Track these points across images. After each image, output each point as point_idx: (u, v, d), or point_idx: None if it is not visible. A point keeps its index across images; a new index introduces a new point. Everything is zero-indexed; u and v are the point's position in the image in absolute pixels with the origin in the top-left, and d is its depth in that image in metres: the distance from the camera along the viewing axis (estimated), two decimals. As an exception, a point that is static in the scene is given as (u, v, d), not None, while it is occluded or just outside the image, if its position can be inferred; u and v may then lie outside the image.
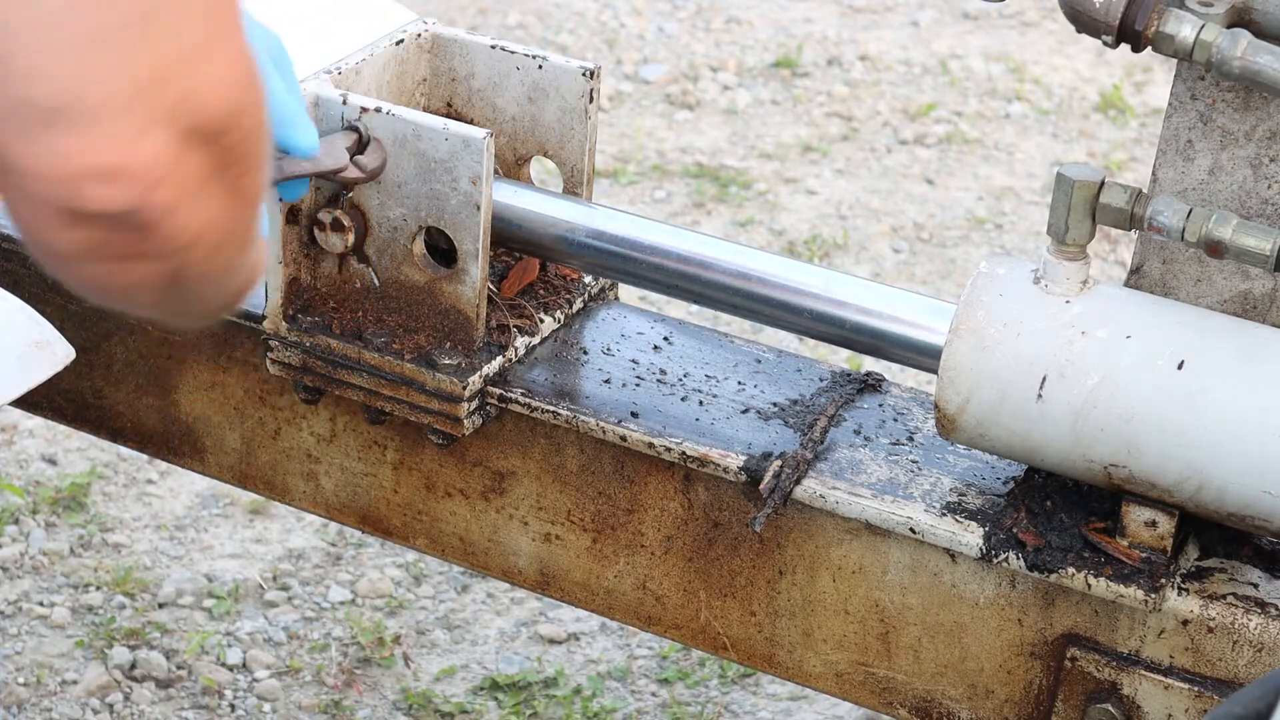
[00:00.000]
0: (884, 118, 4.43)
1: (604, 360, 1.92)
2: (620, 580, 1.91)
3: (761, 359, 1.94)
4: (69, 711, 2.76)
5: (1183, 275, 1.72)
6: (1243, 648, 1.68)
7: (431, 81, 1.96)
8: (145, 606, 2.95)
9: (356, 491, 1.99)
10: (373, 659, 2.88)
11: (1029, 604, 1.74)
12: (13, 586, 2.97)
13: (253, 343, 1.97)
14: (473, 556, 1.97)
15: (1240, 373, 1.60)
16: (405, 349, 1.84)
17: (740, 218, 4.03)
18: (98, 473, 3.19)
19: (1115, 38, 1.59)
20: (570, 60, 1.90)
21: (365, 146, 1.78)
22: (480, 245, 1.79)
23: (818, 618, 1.83)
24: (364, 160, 1.78)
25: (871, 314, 1.78)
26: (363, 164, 1.77)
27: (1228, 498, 1.62)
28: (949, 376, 1.67)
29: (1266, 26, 1.59)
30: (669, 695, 2.84)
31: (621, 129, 4.33)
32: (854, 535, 1.78)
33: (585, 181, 1.93)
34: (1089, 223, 1.64)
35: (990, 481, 1.78)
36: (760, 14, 4.86)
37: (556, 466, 1.89)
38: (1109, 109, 4.50)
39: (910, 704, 1.83)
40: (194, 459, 2.08)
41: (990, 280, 1.68)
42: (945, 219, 4.07)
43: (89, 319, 2.06)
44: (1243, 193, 1.67)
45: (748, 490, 1.81)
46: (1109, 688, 1.72)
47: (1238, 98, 1.65)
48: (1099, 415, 1.62)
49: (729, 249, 1.84)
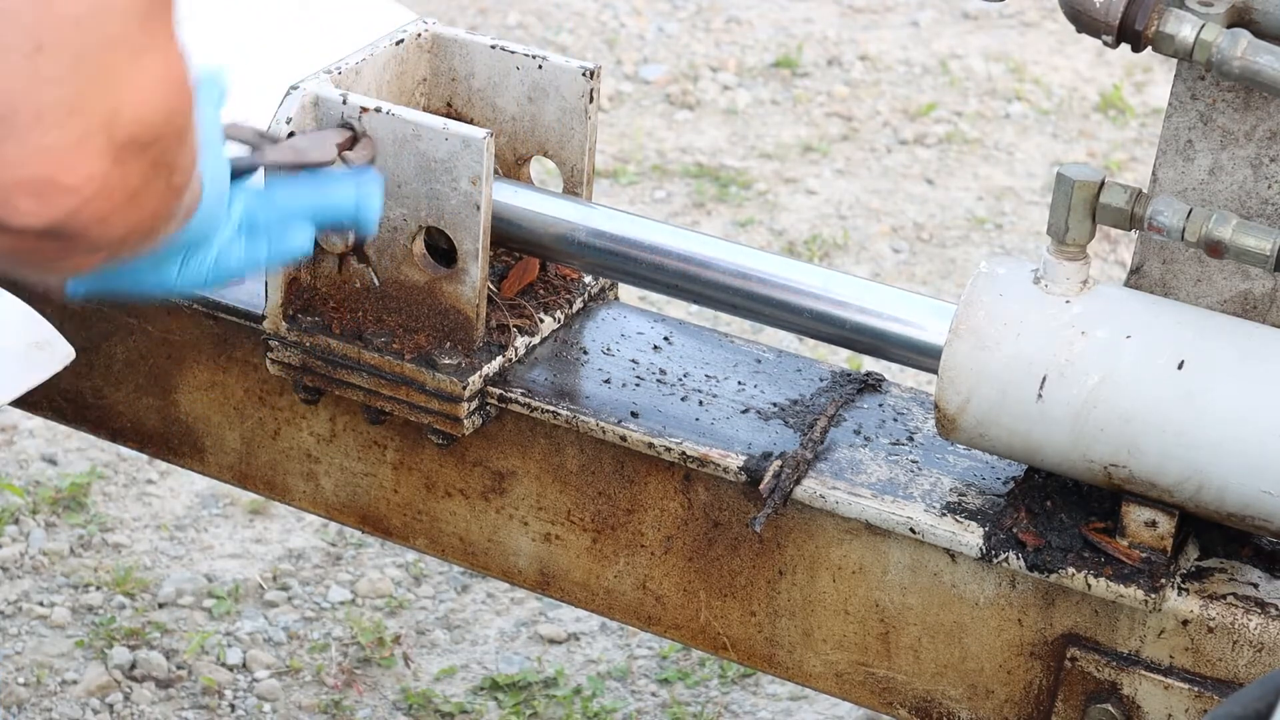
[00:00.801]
0: (884, 118, 4.44)
1: (604, 360, 1.92)
2: (620, 580, 1.91)
3: (761, 359, 1.94)
4: (69, 711, 2.76)
5: (1183, 275, 1.72)
6: (1243, 648, 1.68)
7: (431, 81, 1.96)
8: (145, 606, 2.95)
9: (356, 491, 1.99)
10: (373, 659, 2.88)
11: (1029, 604, 1.74)
12: (13, 586, 2.97)
13: (252, 343, 1.97)
14: (473, 556, 1.97)
15: (1240, 373, 1.60)
16: (405, 349, 1.84)
17: (740, 218, 4.03)
18: (98, 473, 3.19)
19: (1115, 37, 1.59)
20: (570, 60, 1.90)
21: (355, 144, 1.78)
22: (480, 245, 1.79)
23: (818, 618, 1.83)
24: (351, 156, 1.77)
25: (871, 314, 1.78)
26: (349, 159, 1.76)
27: (1228, 498, 1.62)
28: (949, 376, 1.67)
29: (1266, 26, 1.59)
30: (669, 695, 2.84)
31: (621, 129, 4.33)
32: (854, 535, 1.78)
33: (585, 181, 1.93)
34: (1089, 223, 1.64)
35: (990, 481, 1.78)
36: (760, 14, 4.86)
37: (556, 466, 1.89)
38: (1109, 109, 4.50)
39: (910, 704, 1.83)
40: (194, 459, 2.08)
41: (990, 280, 1.68)
42: (945, 219, 4.07)
43: (89, 319, 2.06)
44: (1243, 193, 1.67)
45: (748, 490, 1.81)
46: (1109, 688, 1.72)
47: (1238, 98, 1.65)
48: (1099, 415, 1.62)
49: (729, 249, 1.84)
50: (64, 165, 1.10)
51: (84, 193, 1.11)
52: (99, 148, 1.11)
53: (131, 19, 1.11)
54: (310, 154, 1.72)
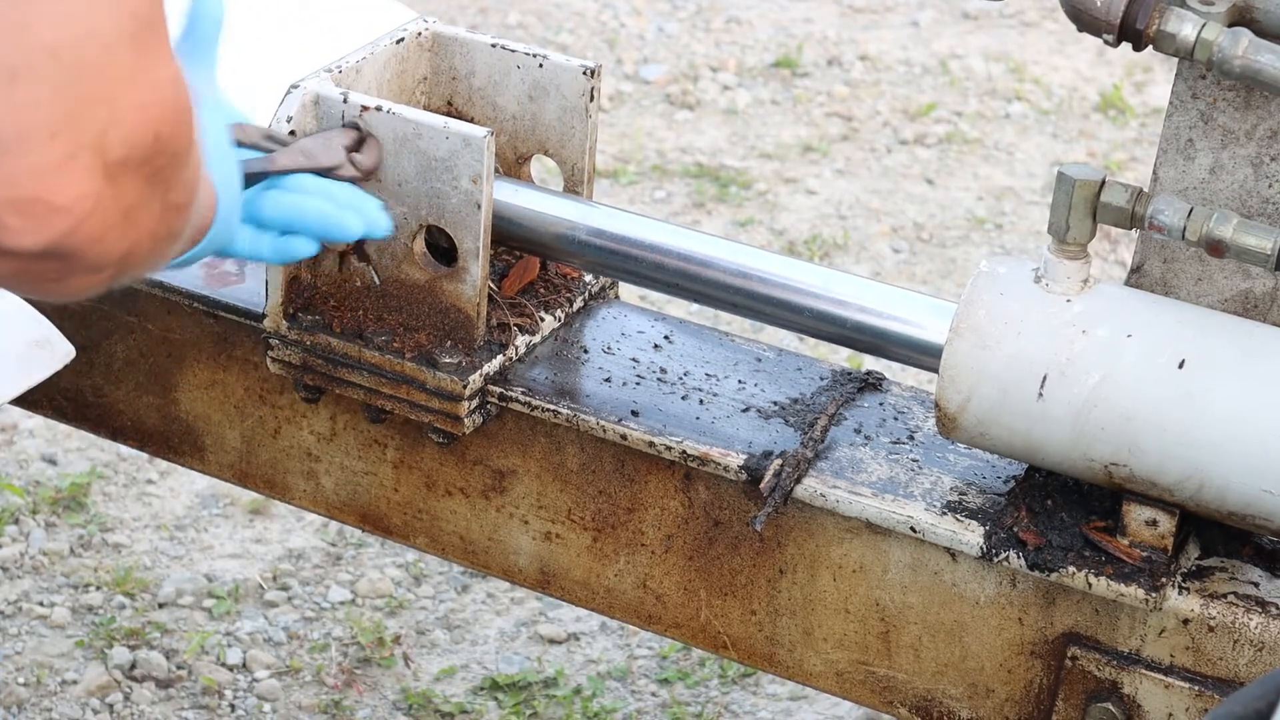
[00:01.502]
0: (884, 118, 4.43)
1: (604, 359, 1.92)
2: (620, 579, 1.91)
3: (762, 358, 1.94)
4: (69, 711, 2.76)
5: (1183, 274, 1.72)
6: (1243, 647, 1.68)
7: (432, 80, 1.96)
8: (145, 606, 2.95)
9: (357, 490, 1.99)
10: (373, 659, 2.88)
11: (1029, 603, 1.74)
12: (13, 586, 2.97)
13: (253, 341, 1.97)
14: (473, 555, 1.97)
15: (1241, 372, 1.60)
16: (406, 348, 1.84)
17: (740, 218, 4.03)
18: (98, 473, 3.19)
19: (1116, 37, 1.59)
20: (571, 59, 1.90)
21: (362, 145, 1.77)
22: (481, 244, 1.79)
23: (818, 617, 1.83)
24: (360, 159, 1.77)
25: (872, 313, 1.78)
26: (359, 162, 1.76)
27: (1228, 497, 1.62)
28: (949, 375, 1.67)
29: (1267, 25, 1.59)
30: (669, 695, 2.84)
31: (622, 129, 4.33)
32: (854, 534, 1.78)
33: (585, 180, 1.93)
34: (1090, 222, 1.64)
35: (991, 480, 1.78)
36: (760, 14, 4.86)
37: (557, 465, 1.89)
38: (1109, 109, 4.50)
39: (910, 703, 1.83)
40: (194, 458, 2.08)
41: (991, 279, 1.68)
42: (945, 219, 4.07)
43: (89, 317, 2.06)
44: (1243, 192, 1.67)
45: (748, 489, 1.80)
46: (1109, 687, 1.72)
47: (1239, 97, 1.64)
48: (1100, 414, 1.62)
49: (729, 247, 1.84)
50: (51, 185, 1.11)
51: (76, 212, 1.12)
52: (87, 168, 1.11)
53: (117, 44, 1.12)
54: (319, 157, 1.72)
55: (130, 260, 1.20)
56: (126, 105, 1.13)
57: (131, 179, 1.15)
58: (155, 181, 1.18)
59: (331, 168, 1.74)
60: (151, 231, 1.21)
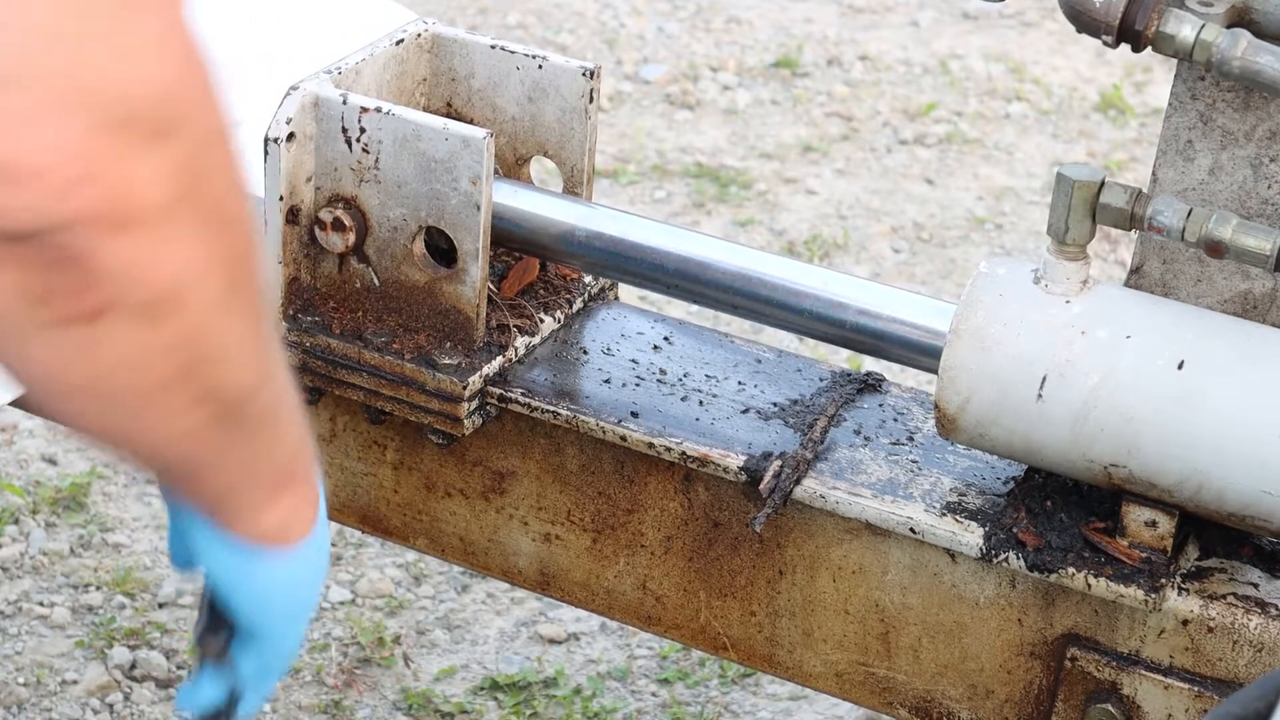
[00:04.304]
0: (884, 118, 4.43)
1: (604, 360, 1.92)
2: (620, 580, 1.91)
3: (761, 359, 1.94)
4: (69, 711, 2.76)
5: (1183, 275, 1.72)
6: (1243, 648, 1.68)
7: (431, 81, 1.96)
8: (145, 606, 2.95)
9: (356, 491, 1.99)
10: (373, 659, 2.88)
11: (1029, 604, 1.74)
12: (13, 586, 2.97)
13: (253, 343, 1.97)
14: (473, 556, 1.97)
15: (1240, 373, 1.60)
16: (405, 349, 1.84)
17: (740, 218, 4.03)
18: (98, 473, 3.19)
19: (1115, 37, 1.59)
20: (570, 60, 1.90)
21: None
22: (480, 245, 1.79)
23: (818, 618, 1.83)
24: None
25: (871, 314, 1.78)
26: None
27: (1228, 498, 1.62)
28: (949, 376, 1.67)
29: (1266, 26, 1.59)
30: (669, 695, 2.84)
31: (621, 129, 4.33)
32: (854, 535, 1.78)
33: (585, 181, 1.93)
34: (1089, 223, 1.64)
35: (990, 481, 1.78)
36: (760, 14, 4.86)
37: (556, 466, 1.89)
38: (1109, 109, 4.50)
39: (910, 704, 1.83)
40: (194, 459, 2.08)
41: (990, 280, 1.68)
42: (945, 219, 4.07)
43: (89, 319, 2.06)
44: (1243, 193, 1.67)
45: (748, 490, 1.81)
46: (1109, 688, 1.72)
47: (1238, 98, 1.64)
48: (1099, 415, 1.62)
49: (729, 249, 1.84)
50: (22, 138, 0.91)
51: (62, 172, 0.92)
52: (74, 120, 0.93)
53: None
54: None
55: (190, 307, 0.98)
56: (119, 49, 0.94)
57: (151, 154, 0.95)
58: (188, 169, 0.97)
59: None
60: (200, 258, 0.98)
